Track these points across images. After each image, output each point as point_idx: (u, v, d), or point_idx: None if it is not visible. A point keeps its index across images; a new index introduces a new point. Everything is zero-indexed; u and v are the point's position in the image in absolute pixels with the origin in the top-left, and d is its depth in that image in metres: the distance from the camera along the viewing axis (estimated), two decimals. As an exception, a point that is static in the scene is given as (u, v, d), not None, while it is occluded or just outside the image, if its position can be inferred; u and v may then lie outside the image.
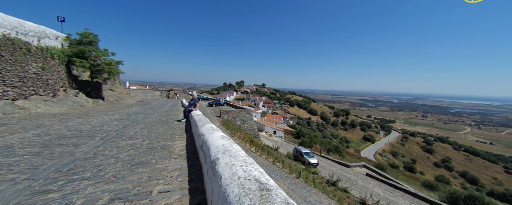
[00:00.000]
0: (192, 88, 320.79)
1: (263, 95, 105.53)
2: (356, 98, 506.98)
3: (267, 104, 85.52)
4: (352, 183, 13.38)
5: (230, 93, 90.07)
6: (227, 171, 1.67)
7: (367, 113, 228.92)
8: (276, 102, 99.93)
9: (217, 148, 2.35)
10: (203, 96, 36.74)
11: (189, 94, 44.02)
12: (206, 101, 33.36)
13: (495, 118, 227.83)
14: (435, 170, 54.90)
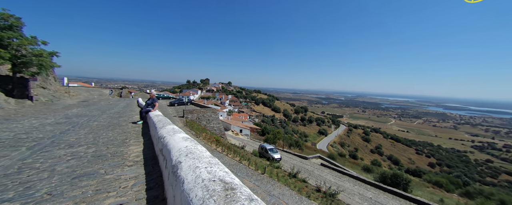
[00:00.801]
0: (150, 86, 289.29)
1: (229, 93, 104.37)
2: (313, 96, 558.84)
3: (233, 102, 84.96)
4: (310, 173, 14.84)
5: (194, 92, 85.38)
6: (190, 174, 1.66)
7: (321, 110, 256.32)
8: (242, 101, 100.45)
9: (179, 151, 2.27)
10: (164, 95, 33.57)
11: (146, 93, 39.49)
12: (167, 100, 30.67)
13: (410, 112, 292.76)
14: (371, 156, 66.38)
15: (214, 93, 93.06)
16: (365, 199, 10.96)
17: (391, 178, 14.21)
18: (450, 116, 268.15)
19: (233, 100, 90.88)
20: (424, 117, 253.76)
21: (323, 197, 9.91)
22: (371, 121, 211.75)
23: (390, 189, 12.26)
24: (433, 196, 14.77)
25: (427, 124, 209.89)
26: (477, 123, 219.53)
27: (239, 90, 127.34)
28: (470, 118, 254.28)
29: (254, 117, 73.36)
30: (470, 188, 22.84)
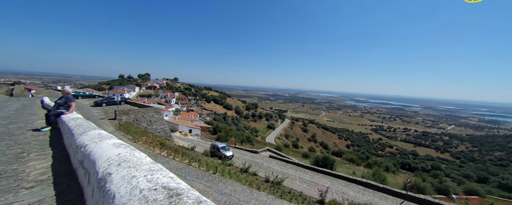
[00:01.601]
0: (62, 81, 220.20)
1: (176, 90, 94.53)
2: (262, 93, 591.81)
3: (181, 100, 77.63)
4: (260, 166, 15.77)
5: (130, 89, 71.87)
6: (124, 186, 1.40)
7: (269, 106, 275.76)
8: (192, 98, 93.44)
9: (109, 160, 1.87)
10: (84, 93, 26.22)
11: (57, 90, 29.81)
12: (90, 99, 24.30)
13: (335, 105, 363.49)
14: (309, 144, 77.96)
15: (156, 90, 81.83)
16: (304, 181, 12.77)
17: (322, 160, 17.27)
18: (359, 107, 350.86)
19: (181, 98, 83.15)
20: (343, 108, 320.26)
21: (271, 187, 10.78)
22: (308, 114, 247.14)
23: (322, 170, 14.86)
24: (349, 170, 19.05)
25: (345, 114, 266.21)
26: (373, 112, 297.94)
27: (188, 87, 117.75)
28: (370, 108, 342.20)
29: (205, 116, 70.01)
30: (370, 160, 30.95)
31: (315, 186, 11.35)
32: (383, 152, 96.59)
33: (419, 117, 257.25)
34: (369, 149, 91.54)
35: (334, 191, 10.97)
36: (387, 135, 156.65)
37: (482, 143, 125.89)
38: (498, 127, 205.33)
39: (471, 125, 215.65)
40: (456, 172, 47.53)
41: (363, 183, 12.29)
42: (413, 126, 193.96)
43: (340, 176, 13.60)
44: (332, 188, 11.45)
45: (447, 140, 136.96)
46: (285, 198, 9.35)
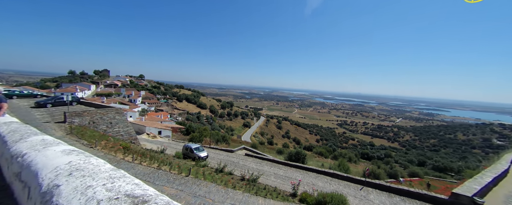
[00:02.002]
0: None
1: (142, 89, 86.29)
2: (237, 91, 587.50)
3: (148, 100, 71.25)
4: (236, 165, 15.71)
5: (84, 87, 62.59)
6: (77, 198, 1.22)
7: (245, 104, 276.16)
8: (161, 97, 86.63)
9: (57, 170, 1.60)
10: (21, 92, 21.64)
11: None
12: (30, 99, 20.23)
13: (306, 102, 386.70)
14: (283, 140, 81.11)
15: (118, 89, 73.31)
16: (278, 176, 13.26)
17: (295, 155, 18.21)
18: (327, 104, 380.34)
19: (148, 97, 76.40)
20: (314, 106, 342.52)
21: (247, 184, 10.87)
22: (282, 111, 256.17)
23: (294, 164, 15.67)
24: (318, 163, 20.56)
25: (315, 111, 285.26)
26: (339, 108, 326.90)
27: (156, 85, 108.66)
28: (336, 105, 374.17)
29: (177, 116, 65.88)
30: (336, 152, 33.96)
31: (288, 180, 11.90)
32: (347, 144, 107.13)
33: (375, 112, 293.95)
34: (335, 142, 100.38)
35: (305, 183, 11.70)
36: (350, 129, 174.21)
37: (421, 132, 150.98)
38: (433, 118, 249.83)
39: (413, 117, 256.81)
40: (403, 158, 55.85)
41: (330, 174, 13.43)
42: (371, 120, 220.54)
43: (311, 169, 14.58)
44: (304, 181, 12.20)
45: (396, 131, 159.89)
46: (260, 195, 9.55)
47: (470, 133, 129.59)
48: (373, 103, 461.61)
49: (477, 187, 9.45)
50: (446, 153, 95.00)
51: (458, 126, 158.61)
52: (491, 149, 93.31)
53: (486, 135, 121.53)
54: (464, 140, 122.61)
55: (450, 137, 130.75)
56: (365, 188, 11.28)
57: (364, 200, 9.78)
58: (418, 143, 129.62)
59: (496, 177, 11.53)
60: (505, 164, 13.69)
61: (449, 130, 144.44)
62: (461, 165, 35.83)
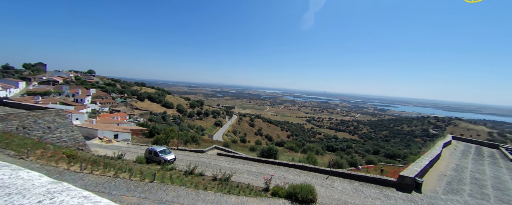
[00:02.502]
0: None
1: (92, 86, 75.30)
2: (208, 89, 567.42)
3: (100, 99, 62.55)
4: (207, 165, 15.26)
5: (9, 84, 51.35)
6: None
7: (216, 102, 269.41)
8: (117, 96, 77.21)
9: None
10: None
11: None
12: None
13: (278, 100, 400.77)
14: (255, 137, 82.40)
15: (59, 87, 62.39)
16: (251, 173, 13.44)
17: (267, 151, 18.75)
18: (297, 102, 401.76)
19: (100, 96, 67.23)
20: (285, 103, 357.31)
21: (219, 184, 10.68)
22: (255, 109, 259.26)
23: (267, 160, 16.13)
24: (289, 157, 21.67)
25: (286, 108, 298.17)
26: (307, 105, 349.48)
27: (111, 82, 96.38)
28: (305, 102, 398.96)
29: (137, 116, 59.82)
30: (305, 146, 36.30)
31: (261, 176, 12.18)
32: (315, 139, 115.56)
33: (339, 109, 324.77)
34: (305, 137, 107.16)
35: (277, 178, 12.17)
36: (317, 124, 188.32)
37: (375, 125, 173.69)
38: (384, 113, 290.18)
39: (369, 113, 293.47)
40: (361, 149, 63.24)
41: (299, 167, 14.29)
42: (335, 116, 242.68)
43: (282, 163, 15.24)
44: (276, 175, 12.67)
45: (356, 125, 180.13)
46: (233, 193, 9.52)
47: (412, 125, 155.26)
48: (337, 100, 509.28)
49: (417, 169, 11.40)
50: (395, 142, 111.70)
51: (403, 119, 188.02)
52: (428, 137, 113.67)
53: (425, 126, 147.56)
54: (408, 131, 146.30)
55: (398, 129, 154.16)
56: (330, 177, 12.40)
57: (329, 188, 10.75)
58: (373, 134, 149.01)
59: (432, 160, 14.13)
60: (438, 149, 16.88)
61: (397, 123, 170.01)
62: (406, 151, 42.74)
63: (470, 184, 11.83)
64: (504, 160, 17.75)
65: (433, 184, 11.46)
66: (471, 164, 15.82)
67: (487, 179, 12.80)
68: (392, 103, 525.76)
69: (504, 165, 16.23)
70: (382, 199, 9.46)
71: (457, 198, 10.01)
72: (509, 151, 20.20)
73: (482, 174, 13.79)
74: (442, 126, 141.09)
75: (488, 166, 15.67)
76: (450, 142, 22.26)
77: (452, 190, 10.89)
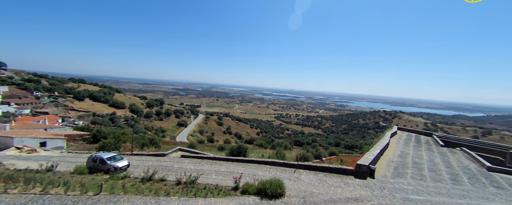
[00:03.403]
0: None
1: (3, 83, 59.78)
2: (169, 87, 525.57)
3: (16, 99, 50.19)
4: (169, 169, 13.67)
5: None
6: None
7: (180, 101, 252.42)
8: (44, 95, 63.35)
9: None
10: None
11: None
12: None
13: (247, 98, 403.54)
14: (224, 136, 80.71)
15: None
16: (220, 173, 12.64)
17: (237, 150, 18.18)
18: (265, 99, 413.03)
19: (17, 94, 54.10)
20: (254, 101, 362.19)
21: (183, 188, 9.59)
22: (223, 107, 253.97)
23: (236, 159, 15.55)
24: (258, 154, 21.63)
25: (255, 106, 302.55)
26: (276, 103, 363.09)
27: (32, 77, 78.49)
28: (273, 100, 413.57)
29: (75, 119, 50.29)
30: (274, 143, 37.25)
31: (231, 175, 11.55)
32: (283, 134, 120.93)
33: (304, 105, 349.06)
34: (274, 134, 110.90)
35: (247, 175, 11.75)
36: (285, 121, 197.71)
37: (336, 120, 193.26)
38: (344, 109, 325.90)
39: (331, 108, 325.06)
40: (324, 142, 69.13)
41: (269, 163, 14.25)
42: (301, 112, 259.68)
43: (252, 160, 14.92)
44: (245, 173, 12.23)
45: (320, 120, 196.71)
46: (200, 195, 8.67)
47: (366, 119, 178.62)
48: (302, 98, 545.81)
49: (371, 158, 12.69)
50: (353, 135, 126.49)
51: (359, 114, 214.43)
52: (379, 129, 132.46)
53: (376, 119, 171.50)
54: (363, 124, 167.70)
55: (355, 122, 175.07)
56: (298, 170, 12.72)
57: (297, 181, 10.95)
58: (335, 128, 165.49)
59: (382, 149, 16.05)
60: (387, 139, 19.36)
61: (354, 117, 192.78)
62: (362, 142, 48.62)
63: (412, 168, 13.93)
64: (436, 146, 21.73)
65: (383, 169, 13.00)
66: (412, 150, 18.79)
67: (424, 163, 15.35)
68: (350, 99, 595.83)
69: (436, 150, 19.88)
70: (342, 187, 10.11)
71: (402, 180, 11.56)
72: (440, 138, 24.85)
73: (420, 158, 16.51)
74: (390, 118, 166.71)
75: (424, 151, 18.89)
76: (396, 132, 26.05)
77: (398, 174, 12.56)
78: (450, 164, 15.86)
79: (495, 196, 10.52)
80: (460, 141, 24.41)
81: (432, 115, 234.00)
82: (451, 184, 11.81)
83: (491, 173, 14.61)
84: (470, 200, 9.71)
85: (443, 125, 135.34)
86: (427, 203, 8.92)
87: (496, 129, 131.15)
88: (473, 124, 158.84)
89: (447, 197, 9.78)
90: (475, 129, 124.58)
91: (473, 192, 10.90)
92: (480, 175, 13.79)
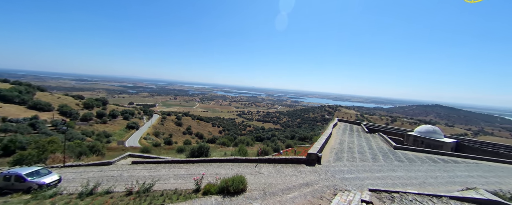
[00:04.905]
0: None
1: None
2: (114, 84, 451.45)
3: None
4: (117, 180, 12.10)
5: None
6: None
7: (129, 100, 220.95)
8: None
9: None
10: None
11: None
12: None
13: (208, 96, 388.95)
14: (184, 137, 75.91)
15: None
16: (179, 177, 12.06)
17: (198, 150, 17.58)
18: (227, 97, 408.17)
19: None
20: (215, 99, 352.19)
21: (136, 198, 8.77)
22: (182, 106, 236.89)
23: (197, 159, 15.11)
24: (221, 153, 21.57)
25: (217, 104, 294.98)
26: (238, 100, 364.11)
27: None
28: (236, 97, 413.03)
29: None
30: (237, 140, 37.68)
31: (191, 178, 11.21)
32: (245, 131, 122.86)
33: (265, 102, 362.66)
34: (236, 131, 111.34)
35: (209, 175, 11.67)
36: (247, 118, 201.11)
37: (292, 115, 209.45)
38: (298, 104, 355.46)
39: (288, 104, 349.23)
40: (282, 135, 74.13)
41: (231, 160, 14.51)
42: (262, 109, 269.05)
43: (214, 160, 14.83)
44: (208, 173, 12.12)
45: (278, 116, 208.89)
46: (155, 204, 8.14)
47: (315, 112, 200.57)
48: (263, 95, 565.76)
49: (318, 147, 14.70)
50: (305, 127, 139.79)
51: (310, 108, 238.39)
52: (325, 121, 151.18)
53: (322, 113, 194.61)
54: (313, 117, 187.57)
55: (307, 116, 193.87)
56: (259, 165, 13.50)
57: (258, 174, 11.66)
58: (291, 122, 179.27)
59: (327, 138, 18.73)
60: (330, 129, 22.64)
61: (306, 112, 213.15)
62: (312, 134, 54.45)
63: (347, 152, 16.91)
64: (363, 133, 26.85)
65: (327, 156, 15.31)
66: (347, 137, 22.65)
67: (355, 147, 18.82)
68: (303, 95, 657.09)
69: (363, 136, 24.57)
70: (297, 175, 11.44)
71: (340, 163, 13.95)
72: (365, 126, 30.93)
73: (353, 143, 20.11)
74: (332, 112, 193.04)
75: (355, 137, 23.09)
76: (337, 123, 30.83)
77: (338, 158, 15.05)
78: (371, 146, 20.09)
79: (398, 167, 14.15)
80: (377, 128, 31.37)
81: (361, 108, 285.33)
82: (372, 161, 15.07)
83: (395, 150, 19.40)
84: (383, 173, 12.72)
85: (368, 116, 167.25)
86: (357, 179, 11.17)
87: (399, 117, 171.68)
88: (386, 114, 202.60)
89: (369, 173, 12.48)
90: (387, 117, 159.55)
91: (385, 166, 14.28)
92: (389, 153, 18.10)
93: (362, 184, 10.39)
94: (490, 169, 16.48)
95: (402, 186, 10.73)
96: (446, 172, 14.40)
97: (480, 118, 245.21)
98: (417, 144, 26.92)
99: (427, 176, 13.10)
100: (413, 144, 27.27)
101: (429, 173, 13.61)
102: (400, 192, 8.76)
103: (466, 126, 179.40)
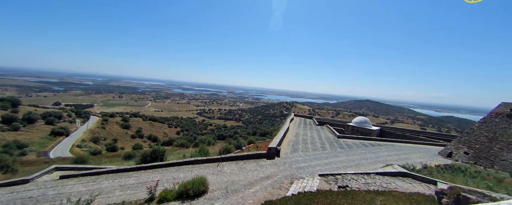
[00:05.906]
0: None
1: None
2: (30, 79, 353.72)
3: None
4: (38, 201, 9.61)
5: None
6: None
7: (54, 100, 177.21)
8: None
9: None
10: None
11: None
12: None
13: (162, 94, 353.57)
14: (133, 141, 66.73)
15: None
16: (127, 187, 10.60)
17: (151, 155, 15.77)
18: (186, 94, 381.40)
19: None
20: (172, 97, 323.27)
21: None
22: (130, 106, 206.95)
23: (150, 165, 13.61)
24: (180, 155, 20.14)
25: (173, 102, 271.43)
26: (198, 98, 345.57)
27: None
28: (195, 95, 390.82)
29: None
30: (197, 140, 35.92)
31: (143, 186, 10.03)
32: (206, 130, 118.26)
33: (226, 99, 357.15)
34: (196, 131, 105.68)
35: (165, 181, 10.73)
36: (208, 116, 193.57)
37: (254, 112, 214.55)
38: (259, 101, 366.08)
39: (249, 102, 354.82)
40: (244, 132, 75.07)
41: (191, 162, 13.75)
42: (223, 106, 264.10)
43: (171, 163, 13.69)
44: (163, 179, 11.12)
45: (240, 113, 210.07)
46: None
47: (275, 109, 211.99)
48: (224, 92, 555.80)
49: (277, 141, 15.67)
50: (266, 123, 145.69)
51: (270, 105, 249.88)
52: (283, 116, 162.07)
53: (281, 109, 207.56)
54: (273, 113, 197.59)
55: (267, 113, 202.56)
56: (221, 164, 13.30)
57: (220, 173, 11.51)
58: (252, 119, 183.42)
59: (285, 132, 20.16)
60: (287, 124, 24.47)
61: (266, 108, 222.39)
62: (272, 129, 57.15)
63: (301, 143, 18.75)
64: (314, 125, 30.29)
65: (285, 148, 16.56)
66: (301, 130, 25.07)
67: (308, 139, 21.04)
68: (264, 93, 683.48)
69: (314, 128, 27.70)
70: (258, 169, 11.91)
71: (296, 154, 15.35)
72: (316, 120, 35.03)
73: (306, 136, 22.42)
74: (289, 108, 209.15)
75: (308, 130, 25.80)
76: (293, 118, 33.71)
77: (294, 150, 16.49)
78: (321, 137, 23.02)
79: (340, 153, 16.75)
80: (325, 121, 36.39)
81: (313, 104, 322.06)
82: (321, 150, 17.28)
83: (339, 139, 22.90)
84: (330, 159, 14.80)
85: (318, 110, 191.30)
86: (309, 167, 12.58)
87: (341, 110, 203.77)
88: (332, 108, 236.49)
89: (319, 160, 14.27)
90: (332, 111, 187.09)
91: (331, 153, 16.65)
92: (334, 142, 21.21)
93: (313, 171, 11.74)
94: (401, 149, 21.52)
95: (343, 169, 12.74)
96: (373, 153, 17.95)
97: (395, 110, 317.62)
98: (354, 132, 32.76)
99: (361, 158, 15.98)
100: (352, 132, 32.98)
101: (362, 156, 16.65)
102: (342, 173, 10.42)
103: (386, 116, 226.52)
